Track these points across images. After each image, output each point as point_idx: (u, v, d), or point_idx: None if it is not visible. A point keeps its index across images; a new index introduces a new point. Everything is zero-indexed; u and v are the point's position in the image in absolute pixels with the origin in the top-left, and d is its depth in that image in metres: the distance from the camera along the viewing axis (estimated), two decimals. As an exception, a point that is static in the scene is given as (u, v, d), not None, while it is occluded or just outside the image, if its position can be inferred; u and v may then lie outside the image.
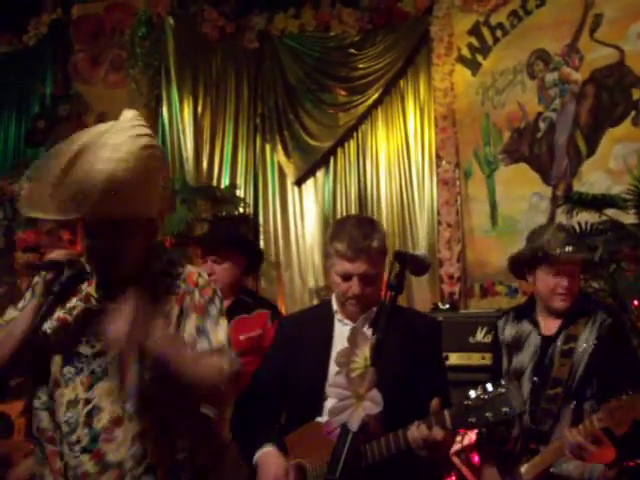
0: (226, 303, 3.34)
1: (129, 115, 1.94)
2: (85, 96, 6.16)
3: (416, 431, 1.96)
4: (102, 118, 5.38)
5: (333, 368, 1.93)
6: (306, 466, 2.19)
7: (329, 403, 2.07)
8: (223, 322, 2.04)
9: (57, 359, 1.95)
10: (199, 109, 5.92)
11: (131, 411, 1.89)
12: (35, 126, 6.08)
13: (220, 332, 2.00)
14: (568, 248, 2.60)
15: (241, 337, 3.21)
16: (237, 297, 3.36)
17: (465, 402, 1.88)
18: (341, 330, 2.28)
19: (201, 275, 2.08)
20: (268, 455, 2.20)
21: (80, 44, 6.21)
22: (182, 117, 5.92)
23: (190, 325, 1.97)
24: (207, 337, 1.97)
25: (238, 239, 3.53)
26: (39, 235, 5.81)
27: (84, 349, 1.95)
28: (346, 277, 2.24)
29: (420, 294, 5.22)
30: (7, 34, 6.52)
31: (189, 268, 2.11)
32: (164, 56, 5.94)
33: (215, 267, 3.29)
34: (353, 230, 2.25)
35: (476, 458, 3.03)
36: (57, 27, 6.33)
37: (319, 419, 2.18)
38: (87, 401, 1.91)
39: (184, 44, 5.93)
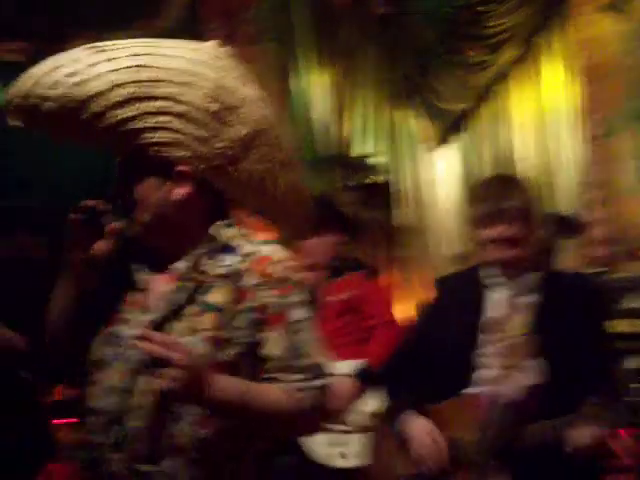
0: (320, 274, 3.42)
1: None
2: (219, 73, 6.26)
3: (580, 435, 1.80)
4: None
5: (483, 337, 1.86)
6: (453, 439, 2.13)
7: (478, 374, 1.99)
8: (309, 326, 1.56)
9: None
10: (329, 78, 5.91)
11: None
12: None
13: (308, 344, 1.54)
14: None
15: (331, 298, 3.29)
16: (331, 263, 3.41)
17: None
18: (492, 297, 2.18)
19: (276, 261, 1.54)
20: (418, 423, 2.17)
21: (214, 23, 6.32)
22: (312, 88, 5.92)
23: (270, 341, 1.52)
24: (294, 353, 1.52)
25: (334, 213, 3.54)
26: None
27: (122, 329, 1.60)
28: (484, 243, 2.12)
29: (565, 258, 5.01)
30: (142, 19, 6.73)
31: (257, 248, 1.56)
32: (292, 28, 5.96)
33: (314, 240, 3.32)
34: (488, 192, 2.13)
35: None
36: (190, 8, 6.48)
37: (467, 390, 2.11)
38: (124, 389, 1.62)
39: (312, 14, 5.92)
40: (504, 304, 1.68)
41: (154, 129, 1.47)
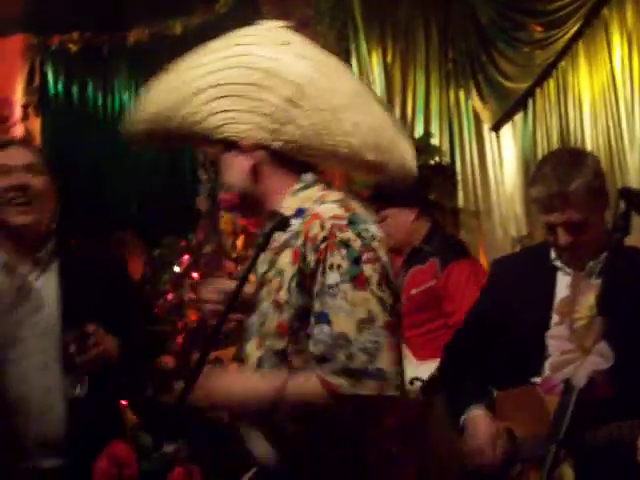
0: (403, 256, 3.23)
1: None
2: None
3: None
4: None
5: (555, 318, 1.76)
6: (516, 432, 2.04)
7: (550, 359, 1.87)
8: (353, 294, 1.47)
9: None
10: (388, 59, 5.80)
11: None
12: (231, 90, 6.27)
13: (342, 312, 1.47)
14: None
15: (413, 292, 3.06)
16: (414, 246, 3.21)
17: None
18: (562, 279, 2.05)
19: (322, 220, 1.52)
20: (478, 417, 2.06)
21: (268, 6, 6.30)
22: (372, 69, 5.83)
23: (306, 308, 1.54)
24: (326, 321, 1.49)
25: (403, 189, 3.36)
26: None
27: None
28: (550, 227, 1.99)
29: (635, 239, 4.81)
30: (200, 6, 6.76)
31: (316, 208, 1.57)
32: (350, 9, 5.87)
33: (387, 218, 3.13)
34: (550, 172, 1.97)
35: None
36: (246, -8, 6.48)
37: (536, 379, 2.01)
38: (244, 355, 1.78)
39: (369, -6, 5.83)
40: (575, 285, 1.58)
41: (242, 123, 1.61)
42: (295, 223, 1.58)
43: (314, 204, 1.59)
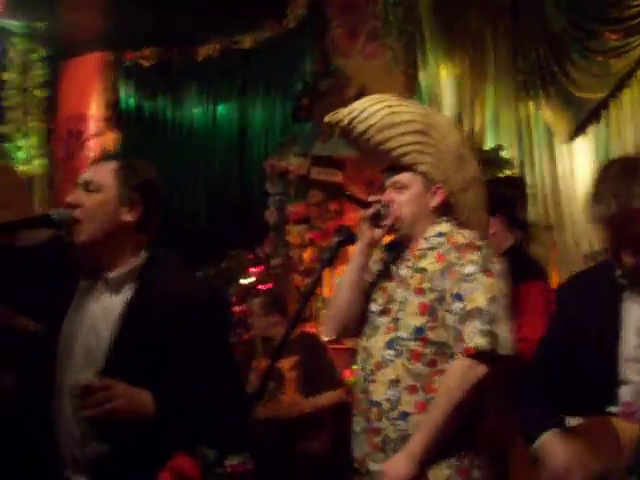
0: None
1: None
2: (344, 70, 6.27)
3: None
4: (362, 90, 5.43)
5: (624, 348, 1.69)
6: (594, 464, 1.93)
7: (625, 390, 1.81)
8: (484, 280, 2.11)
9: None
10: (457, 71, 5.73)
11: (388, 359, 2.16)
12: (300, 103, 6.32)
13: (478, 292, 2.09)
14: None
15: None
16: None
17: None
18: (629, 298, 1.92)
19: (464, 235, 2.20)
20: (553, 441, 1.98)
21: (336, 19, 6.32)
22: (440, 81, 5.78)
23: (448, 292, 2.15)
24: (460, 300, 2.10)
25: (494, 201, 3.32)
26: (309, 208, 6.06)
27: (372, 306, 2.30)
28: (613, 247, 1.84)
29: None
30: (269, 20, 6.84)
31: (455, 231, 2.26)
32: (418, 21, 5.84)
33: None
34: (611, 184, 1.82)
35: None
36: (314, 7, 6.52)
37: (612, 409, 1.91)
38: (365, 348, 2.26)
39: (437, 6, 5.77)
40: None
41: (423, 153, 2.27)
42: (437, 240, 2.26)
43: (450, 229, 2.26)
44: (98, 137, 7.56)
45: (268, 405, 3.86)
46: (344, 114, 2.35)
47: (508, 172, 5.13)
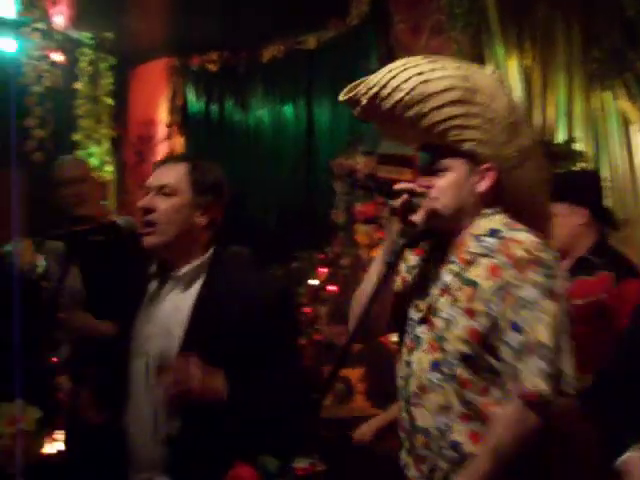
0: (568, 263, 3.05)
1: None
2: (409, 66, 6.16)
3: None
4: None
5: None
6: None
7: None
8: (548, 306, 1.74)
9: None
10: (527, 62, 5.57)
11: (436, 383, 1.88)
12: (366, 102, 6.25)
13: (539, 322, 1.73)
14: None
15: (578, 302, 2.85)
16: (581, 256, 3.03)
17: None
18: None
19: (520, 242, 1.79)
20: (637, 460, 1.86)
21: (400, 15, 6.24)
22: (509, 73, 5.63)
23: (504, 318, 1.79)
24: (519, 331, 1.75)
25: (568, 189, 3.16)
26: (376, 207, 6.01)
27: (412, 313, 1.99)
28: None
29: None
30: (332, 19, 6.81)
31: (510, 233, 1.85)
32: (484, 12, 5.70)
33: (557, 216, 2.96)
34: None
35: None
36: (377, 3, 6.45)
37: None
38: (407, 363, 1.96)
39: (506, -5, 5.64)
40: None
41: (466, 127, 1.85)
42: (489, 242, 1.87)
43: (505, 227, 1.88)
44: (167, 142, 7.69)
45: (341, 407, 3.85)
46: (361, 92, 1.93)
47: (582, 165, 4.95)
